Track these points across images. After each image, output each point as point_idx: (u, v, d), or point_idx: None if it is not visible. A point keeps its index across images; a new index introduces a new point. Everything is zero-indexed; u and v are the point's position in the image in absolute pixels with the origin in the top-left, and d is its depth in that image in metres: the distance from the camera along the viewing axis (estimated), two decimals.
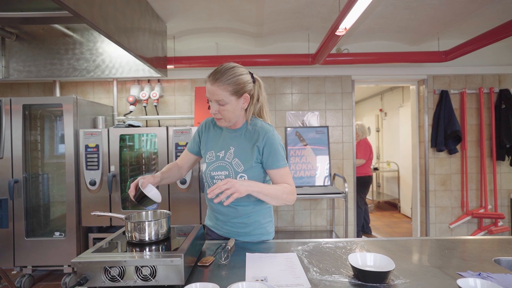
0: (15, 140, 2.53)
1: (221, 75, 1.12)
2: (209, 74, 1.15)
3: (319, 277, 0.91)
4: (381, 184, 6.06)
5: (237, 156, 1.21)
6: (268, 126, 1.23)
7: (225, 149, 1.23)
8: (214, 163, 1.23)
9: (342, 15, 1.94)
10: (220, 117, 1.17)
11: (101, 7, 1.64)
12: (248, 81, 1.17)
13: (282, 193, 1.15)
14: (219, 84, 1.11)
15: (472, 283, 0.76)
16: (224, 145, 1.24)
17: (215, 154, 1.25)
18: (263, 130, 1.20)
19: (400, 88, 5.16)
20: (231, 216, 1.26)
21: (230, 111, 1.15)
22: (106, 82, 3.35)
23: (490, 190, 3.34)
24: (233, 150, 1.22)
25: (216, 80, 1.12)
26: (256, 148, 1.19)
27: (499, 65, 3.34)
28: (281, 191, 1.15)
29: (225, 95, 1.12)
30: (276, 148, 1.18)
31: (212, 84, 1.12)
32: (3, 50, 2.96)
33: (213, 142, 1.28)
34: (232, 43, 3.30)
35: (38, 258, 2.55)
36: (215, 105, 1.15)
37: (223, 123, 1.20)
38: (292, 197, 1.18)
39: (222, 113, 1.15)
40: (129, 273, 0.83)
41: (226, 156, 1.22)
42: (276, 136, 1.21)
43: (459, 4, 2.41)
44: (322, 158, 3.26)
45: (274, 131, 1.22)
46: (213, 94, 1.13)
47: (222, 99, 1.12)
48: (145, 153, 2.88)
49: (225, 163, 1.21)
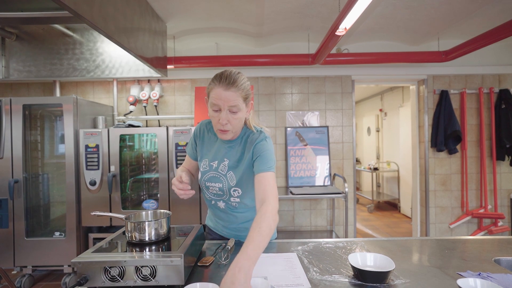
0: (15, 140, 2.53)
1: (234, 80, 1.03)
2: (218, 79, 1.04)
3: (319, 277, 0.91)
4: (381, 184, 6.06)
5: (231, 169, 1.15)
6: (259, 134, 1.15)
7: (219, 160, 1.17)
8: (208, 173, 1.18)
9: (342, 15, 1.94)
10: (229, 128, 1.07)
11: (101, 7, 1.64)
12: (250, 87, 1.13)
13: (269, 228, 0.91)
14: (235, 89, 1.03)
15: (472, 283, 0.76)
16: (218, 156, 1.18)
17: (209, 163, 1.19)
18: (254, 140, 1.13)
19: (400, 88, 5.15)
20: (230, 222, 1.26)
21: (240, 119, 1.08)
22: (106, 82, 3.35)
23: (490, 190, 3.34)
24: (227, 162, 1.16)
25: (232, 85, 1.03)
26: (247, 158, 1.13)
27: (499, 65, 3.34)
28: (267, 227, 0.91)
29: (240, 101, 1.05)
30: (264, 154, 1.09)
31: (227, 89, 1.02)
32: (3, 50, 2.96)
33: (207, 150, 1.22)
34: (232, 43, 3.30)
35: (38, 258, 2.55)
36: (225, 114, 1.04)
37: (229, 136, 1.11)
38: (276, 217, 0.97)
39: (232, 122, 1.06)
40: (129, 273, 0.83)
41: (220, 167, 1.17)
42: (266, 144, 1.12)
43: (459, 4, 2.41)
44: (322, 158, 3.26)
45: (266, 139, 1.13)
46: (228, 101, 1.03)
47: (236, 105, 1.04)
48: (145, 153, 2.88)
49: (219, 174, 1.17)
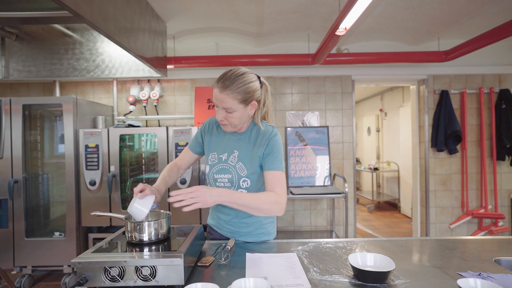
0: (15, 140, 2.53)
1: (230, 83, 1.07)
2: (218, 80, 1.10)
3: (319, 277, 0.91)
4: (381, 184, 6.06)
5: (241, 160, 1.19)
6: (272, 129, 1.20)
7: (229, 152, 1.21)
8: (217, 165, 1.22)
9: (342, 15, 1.94)
10: (226, 123, 1.15)
11: (101, 7, 1.64)
12: (257, 88, 1.14)
13: (264, 202, 1.06)
14: (228, 92, 1.07)
15: (472, 283, 0.76)
16: (227, 148, 1.22)
17: (218, 156, 1.22)
18: (267, 134, 1.18)
19: (400, 88, 5.15)
20: (232, 216, 1.25)
21: (237, 118, 1.13)
22: (106, 82, 3.35)
23: (490, 190, 3.34)
24: (237, 153, 1.19)
25: (226, 88, 1.07)
26: (259, 151, 1.17)
27: (499, 65, 3.33)
28: (262, 200, 1.06)
29: (234, 104, 1.08)
30: (276, 151, 1.15)
31: (221, 91, 1.07)
32: (3, 50, 2.96)
33: (216, 143, 1.26)
34: (232, 43, 3.30)
35: (38, 258, 2.55)
36: (222, 111, 1.12)
37: (229, 129, 1.18)
38: (278, 207, 1.08)
39: (228, 120, 1.13)
40: (129, 273, 0.83)
41: (230, 159, 1.20)
42: (279, 140, 1.18)
43: (459, 4, 2.40)
44: (322, 158, 3.26)
45: (278, 135, 1.20)
46: (221, 102, 1.09)
47: (230, 107, 1.09)
48: (145, 153, 2.88)
49: (228, 166, 1.20)
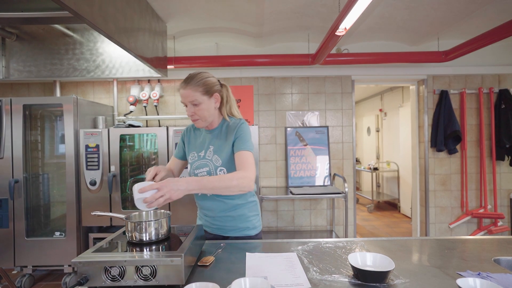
0: (15, 140, 2.53)
1: (191, 80, 1.26)
2: (181, 83, 1.28)
3: (319, 277, 0.91)
4: (381, 184, 6.06)
5: (216, 153, 1.32)
6: (239, 120, 1.35)
7: (205, 149, 1.35)
8: (196, 162, 1.35)
9: (342, 15, 1.94)
10: (197, 118, 1.29)
11: (101, 7, 1.64)
12: (215, 83, 1.31)
13: (231, 179, 1.14)
14: (190, 86, 1.25)
15: (472, 283, 0.76)
16: (203, 145, 1.37)
17: (197, 154, 1.37)
18: (236, 124, 1.32)
19: (400, 88, 5.15)
20: (218, 210, 1.33)
21: (205, 109, 1.28)
22: (106, 82, 3.35)
23: (489, 190, 3.34)
24: (212, 148, 1.33)
25: (188, 84, 1.25)
26: (231, 139, 1.30)
27: (499, 65, 3.34)
28: (229, 178, 1.14)
29: (197, 95, 1.25)
30: (243, 135, 1.28)
31: (184, 88, 1.26)
32: (3, 50, 2.96)
33: (194, 144, 1.41)
34: (232, 43, 3.30)
35: (38, 258, 2.55)
36: (190, 107, 1.28)
37: (201, 123, 1.31)
38: (246, 181, 1.15)
39: (198, 113, 1.27)
40: (129, 273, 0.83)
41: (207, 154, 1.34)
42: (246, 127, 1.32)
43: (459, 4, 2.41)
44: (322, 158, 3.27)
45: (245, 123, 1.34)
46: (187, 97, 1.26)
47: (195, 99, 1.25)
48: (145, 153, 2.88)
49: (206, 160, 1.33)
